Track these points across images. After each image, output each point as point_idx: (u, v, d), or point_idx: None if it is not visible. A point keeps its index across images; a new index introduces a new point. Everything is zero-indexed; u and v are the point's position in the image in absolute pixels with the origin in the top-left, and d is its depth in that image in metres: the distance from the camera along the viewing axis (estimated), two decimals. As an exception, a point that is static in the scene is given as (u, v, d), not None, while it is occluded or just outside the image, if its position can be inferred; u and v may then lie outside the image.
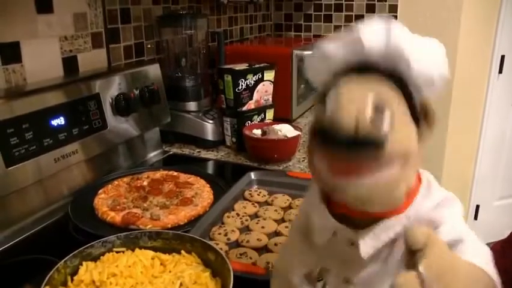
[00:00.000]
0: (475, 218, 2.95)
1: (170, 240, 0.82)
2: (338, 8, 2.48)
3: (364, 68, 0.46)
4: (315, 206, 0.53)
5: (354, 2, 2.44)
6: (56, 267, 0.71)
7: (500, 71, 2.62)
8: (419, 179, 0.51)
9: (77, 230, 0.99)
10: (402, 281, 0.38)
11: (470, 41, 2.42)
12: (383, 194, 0.45)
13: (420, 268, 0.37)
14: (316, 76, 0.52)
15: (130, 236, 0.82)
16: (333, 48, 0.48)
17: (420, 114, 0.46)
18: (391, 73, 0.45)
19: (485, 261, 0.44)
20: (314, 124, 0.45)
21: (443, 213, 0.48)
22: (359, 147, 0.41)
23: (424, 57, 0.46)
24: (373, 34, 0.46)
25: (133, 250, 0.81)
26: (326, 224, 0.51)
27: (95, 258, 0.78)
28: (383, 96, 0.42)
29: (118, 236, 0.82)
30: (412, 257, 0.39)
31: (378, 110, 0.41)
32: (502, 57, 2.60)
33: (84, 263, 0.76)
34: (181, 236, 0.82)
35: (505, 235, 2.97)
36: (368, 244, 0.48)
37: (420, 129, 0.46)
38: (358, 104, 0.41)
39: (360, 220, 0.49)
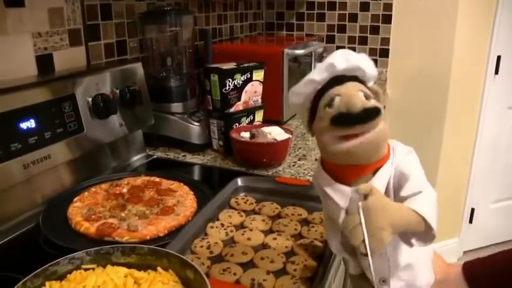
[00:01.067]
0: (470, 221, 2.90)
1: (146, 256, 0.75)
2: (331, 6, 2.42)
3: (336, 80, 0.68)
4: (326, 183, 0.71)
5: (347, 1, 2.38)
6: (13, 289, 0.63)
7: (497, 72, 2.57)
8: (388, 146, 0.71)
9: (48, 242, 0.91)
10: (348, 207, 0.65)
11: (466, 42, 2.37)
12: (374, 144, 0.65)
13: (360, 203, 0.62)
14: (302, 97, 0.72)
15: (101, 252, 0.75)
16: (316, 74, 0.69)
17: (374, 95, 0.67)
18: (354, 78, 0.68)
19: (423, 207, 0.63)
20: (330, 115, 0.64)
21: (411, 165, 0.69)
22: (370, 115, 0.62)
23: (369, 66, 0.69)
24: (339, 61, 0.68)
25: (104, 267, 0.74)
26: (343, 193, 0.68)
27: (61, 277, 0.71)
28: (365, 91, 0.66)
29: (88, 251, 0.74)
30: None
31: (367, 97, 0.64)
32: (498, 57, 2.55)
33: (47, 283, 0.68)
34: (157, 251, 0.75)
35: (500, 238, 2.93)
36: None
37: None
38: (356, 96, 0.64)
39: (357, 179, 0.68)
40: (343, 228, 0.66)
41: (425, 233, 0.64)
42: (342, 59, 0.68)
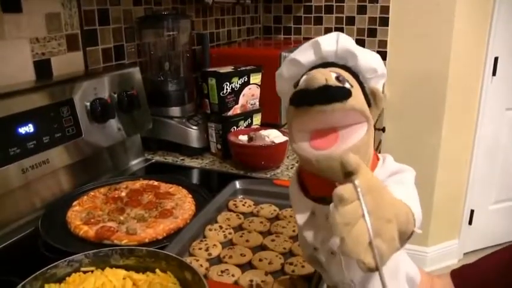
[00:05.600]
0: (470, 223, 2.90)
1: (144, 258, 0.75)
2: (329, 9, 2.43)
3: (323, 66, 0.57)
4: (293, 193, 0.63)
5: (345, 4, 2.39)
6: (13, 292, 0.64)
7: (494, 73, 2.57)
8: (377, 157, 0.61)
9: (47, 246, 0.91)
10: (340, 190, 0.44)
11: (463, 43, 2.38)
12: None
13: (356, 182, 0.44)
14: (286, 81, 0.62)
15: (100, 254, 0.75)
16: (300, 53, 0.60)
17: (371, 98, 0.57)
18: (344, 68, 0.57)
19: (408, 198, 0.50)
20: (291, 96, 0.54)
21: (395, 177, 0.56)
22: (330, 94, 0.51)
23: (365, 55, 0.58)
24: (327, 40, 0.58)
25: (102, 269, 0.74)
26: (304, 205, 0.61)
27: (59, 280, 0.71)
28: (343, 75, 0.54)
29: (86, 254, 0.74)
30: (347, 179, 0.45)
31: (339, 80, 0.53)
32: (496, 59, 2.55)
33: (46, 285, 0.69)
34: (155, 253, 0.75)
35: (499, 240, 2.92)
36: None
37: (371, 109, 0.57)
38: (324, 72, 0.53)
39: (324, 196, 0.56)
40: (335, 231, 0.46)
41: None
42: (331, 40, 0.58)
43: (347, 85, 0.53)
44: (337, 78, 0.53)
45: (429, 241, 2.72)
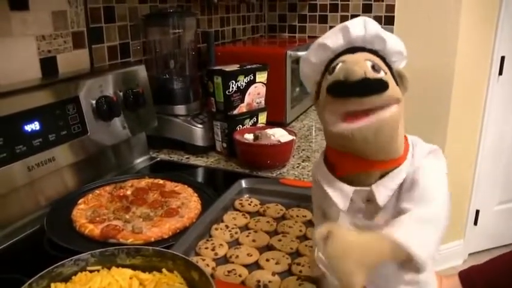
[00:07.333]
0: (475, 223, 2.89)
1: (151, 257, 0.74)
2: (334, 8, 2.42)
3: (352, 51, 0.58)
4: (326, 181, 0.62)
5: (350, 2, 2.38)
6: (19, 291, 0.63)
7: (500, 73, 2.56)
8: (406, 138, 0.63)
9: (52, 244, 0.91)
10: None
11: (470, 42, 2.36)
12: (386, 131, 0.55)
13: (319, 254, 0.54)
14: (313, 67, 0.62)
15: (106, 253, 0.74)
16: (328, 38, 0.60)
17: (398, 79, 0.59)
18: (371, 52, 0.58)
19: (402, 231, 0.52)
20: (327, 85, 0.55)
21: (427, 171, 0.57)
22: (369, 87, 0.52)
23: (392, 38, 0.60)
24: (356, 25, 0.59)
25: (109, 268, 0.73)
26: (343, 191, 0.60)
27: (66, 279, 0.70)
28: (376, 62, 0.56)
29: (93, 253, 0.74)
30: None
31: (375, 69, 0.54)
32: (502, 58, 2.54)
33: (52, 284, 0.68)
34: (162, 253, 0.74)
35: (505, 240, 2.90)
36: (382, 194, 0.58)
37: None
38: (361, 63, 0.54)
39: (361, 176, 0.59)
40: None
41: (409, 262, 0.53)
42: (360, 25, 0.59)
43: (382, 74, 0.55)
44: (373, 67, 0.54)
45: (434, 241, 2.70)
